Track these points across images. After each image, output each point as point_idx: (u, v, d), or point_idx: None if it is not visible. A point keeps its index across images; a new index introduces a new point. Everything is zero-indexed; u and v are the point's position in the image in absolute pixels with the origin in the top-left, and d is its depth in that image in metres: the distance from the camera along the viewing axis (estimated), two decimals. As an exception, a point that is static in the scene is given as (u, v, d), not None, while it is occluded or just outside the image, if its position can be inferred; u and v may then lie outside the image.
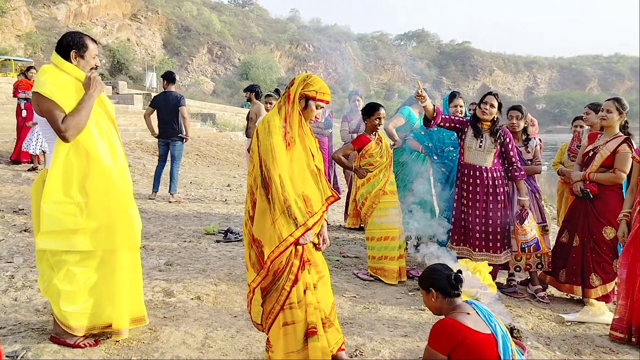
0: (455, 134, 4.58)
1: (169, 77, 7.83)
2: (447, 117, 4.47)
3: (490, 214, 4.33)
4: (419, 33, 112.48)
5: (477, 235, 4.36)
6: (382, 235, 4.59)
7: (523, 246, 4.29)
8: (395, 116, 5.59)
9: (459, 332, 2.31)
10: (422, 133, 5.20)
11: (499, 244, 4.34)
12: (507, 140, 4.34)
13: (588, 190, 4.13)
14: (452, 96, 5.20)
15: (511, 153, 4.36)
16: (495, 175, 4.34)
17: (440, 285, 2.51)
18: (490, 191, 4.33)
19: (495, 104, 4.32)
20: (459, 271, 2.58)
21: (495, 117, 4.35)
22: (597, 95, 78.03)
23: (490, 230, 4.33)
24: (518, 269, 4.56)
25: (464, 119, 4.52)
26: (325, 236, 2.80)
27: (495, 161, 4.36)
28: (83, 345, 2.94)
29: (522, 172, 4.36)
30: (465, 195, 4.41)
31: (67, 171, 2.80)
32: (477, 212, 4.36)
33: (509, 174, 4.37)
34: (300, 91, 2.62)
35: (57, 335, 2.96)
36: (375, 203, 4.60)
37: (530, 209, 4.37)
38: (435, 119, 4.37)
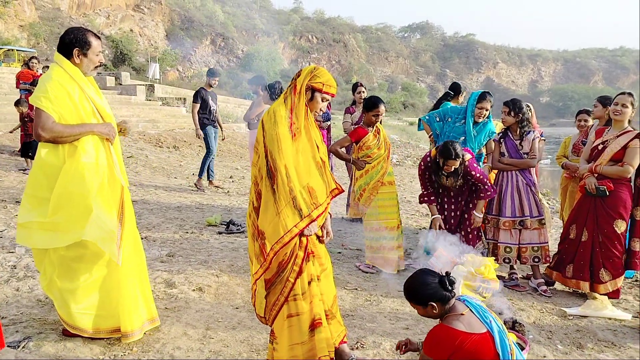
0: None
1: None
2: (427, 190, 4.55)
3: (465, 215, 4.54)
4: (423, 25, 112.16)
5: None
6: (380, 225, 4.64)
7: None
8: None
9: (454, 338, 2.25)
10: (437, 119, 5.05)
11: (470, 236, 4.52)
12: (473, 172, 4.33)
13: (604, 187, 4.01)
14: (482, 97, 4.77)
15: (480, 181, 4.34)
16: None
17: (438, 296, 2.37)
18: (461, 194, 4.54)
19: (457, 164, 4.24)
20: (447, 273, 2.46)
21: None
22: (602, 89, 77.59)
23: (466, 224, 4.52)
24: (507, 260, 4.55)
25: (428, 177, 4.49)
26: (329, 229, 2.79)
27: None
28: (103, 336, 2.89)
29: (489, 193, 4.37)
30: (439, 208, 4.57)
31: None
32: (453, 221, 4.56)
33: (477, 194, 4.43)
34: (307, 83, 2.60)
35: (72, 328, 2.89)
36: (373, 194, 4.65)
37: (523, 204, 4.46)
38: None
